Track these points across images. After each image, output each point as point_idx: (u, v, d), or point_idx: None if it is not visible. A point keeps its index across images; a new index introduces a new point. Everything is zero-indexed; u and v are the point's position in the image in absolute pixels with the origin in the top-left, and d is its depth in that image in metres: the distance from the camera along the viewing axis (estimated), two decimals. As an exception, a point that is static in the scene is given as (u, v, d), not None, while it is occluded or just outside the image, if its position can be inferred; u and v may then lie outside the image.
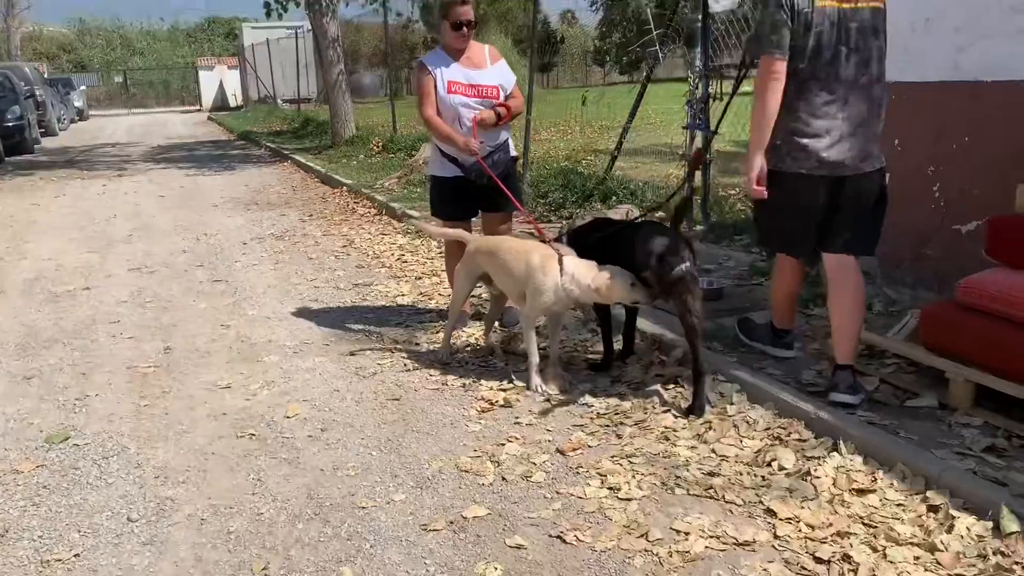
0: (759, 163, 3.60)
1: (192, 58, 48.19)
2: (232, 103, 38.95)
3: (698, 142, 7.08)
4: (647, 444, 3.55)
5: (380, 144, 14.38)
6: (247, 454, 3.67)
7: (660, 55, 7.45)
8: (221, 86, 40.48)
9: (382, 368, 4.64)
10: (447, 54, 4.82)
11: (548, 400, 4.06)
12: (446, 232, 4.76)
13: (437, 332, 5.18)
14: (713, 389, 3.94)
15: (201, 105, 40.56)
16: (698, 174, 7.19)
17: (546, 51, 39.75)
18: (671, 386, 4.10)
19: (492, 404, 4.05)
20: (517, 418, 3.90)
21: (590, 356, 4.62)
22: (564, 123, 16.53)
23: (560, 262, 3.97)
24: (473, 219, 5.20)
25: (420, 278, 6.56)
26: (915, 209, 4.91)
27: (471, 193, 4.92)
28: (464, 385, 4.32)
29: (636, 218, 7.02)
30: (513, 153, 5.09)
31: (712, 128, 6.96)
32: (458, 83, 4.76)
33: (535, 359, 4.21)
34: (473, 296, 5.21)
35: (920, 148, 4.84)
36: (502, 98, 4.86)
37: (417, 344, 5.03)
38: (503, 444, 3.63)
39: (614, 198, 7.87)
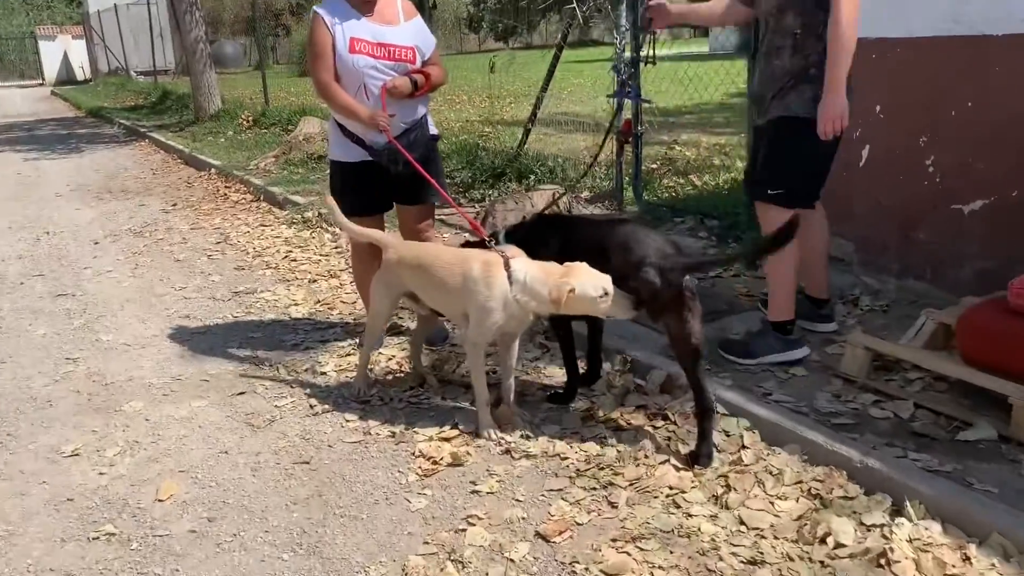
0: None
1: (30, 27, 44.03)
2: (80, 76, 35.82)
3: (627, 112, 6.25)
4: (653, 515, 2.70)
5: (250, 119, 12.97)
6: (104, 573, 2.61)
7: (579, 13, 6.55)
8: (66, 58, 37.22)
9: (281, 412, 3.62)
10: (349, 5, 3.77)
11: (508, 452, 3.15)
12: (358, 231, 3.75)
13: (347, 355, 4.18)
14: (714, 425, 3.14)
15: (44, 79, 37.13)
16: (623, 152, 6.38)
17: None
18: (659, 422, 3.27)
19: (436, 463, 3.11)
20: (473, 483, 2.97)
21: (546, 383, 3.73)
22: (451, 93, 15.49)
23: (507, 267, 3.06)
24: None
25: (315, 280, 5.50)
26: (903, 186, 4.24)
27: (383, 181, 3.94)
28: (394, 434, 3.35)
29: (559, 195, 6.24)
30: (434, 131, 4.11)
31: (643, 95, 6.20)
32: (363, 41, 3.73)
33: (485, 396, 3.29)
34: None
35: (910, 116, 4.15)
36: (419, 63, 3.87)
37: (323, 372, 4.01)
38: (463, 530, 2.71)
39: (532, 177, 6.97)
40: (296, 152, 9.35)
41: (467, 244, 3.58)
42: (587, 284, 2.90)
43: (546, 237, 3.28)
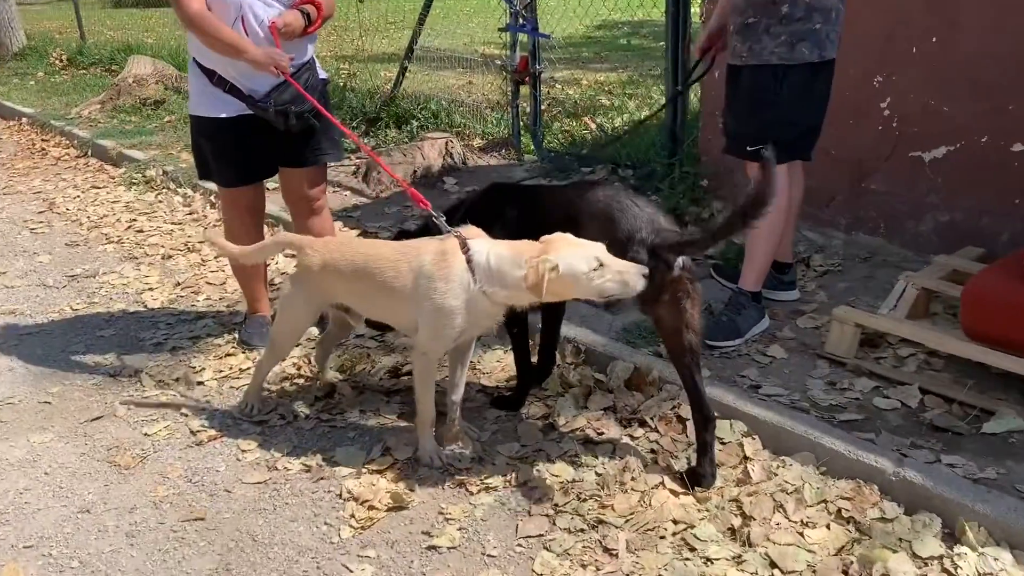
0: None
1: None
2: None
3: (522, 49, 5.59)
4: (665, 564, 2.16)
5: (64, 57, 11.27)
6: None
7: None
8: None
9: (154, 443, 2.83)
10: None
11: (463, 485, 2.53)
12: (261, 249, 3.05)
13: (227, 355, 3.41)
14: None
15: None
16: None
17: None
18: (636, 429, 2.73)
19: (373, 508, 2.44)
20: (428, 534, 2.33)
21: (485, 383, 3.11)
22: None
23: (465, 251, 2.39)
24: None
25: (170, 257, 4.58)
26: (854, 131, 3.83)
27: (265, 141, 3.15)
28: (308, 468, 2.65)
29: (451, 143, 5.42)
30: (323, 75, 3.33)
31: (541, 29, 5.54)
32: None
33: (430, 415, 2.63)
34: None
35: (862, 52, 3.72)
36: None
37: (200, 382, 3.22)
38: (431, 610, 2.08)
39: (414, 122, 6.18)
40: (126, 97, 8.06)
41: (401, 235, 2.88)
42: (573, 257, 2.21)
43: (500, 211, 2.60)
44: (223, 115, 3.11)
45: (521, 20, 5.36)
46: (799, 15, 2.91)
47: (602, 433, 2.71)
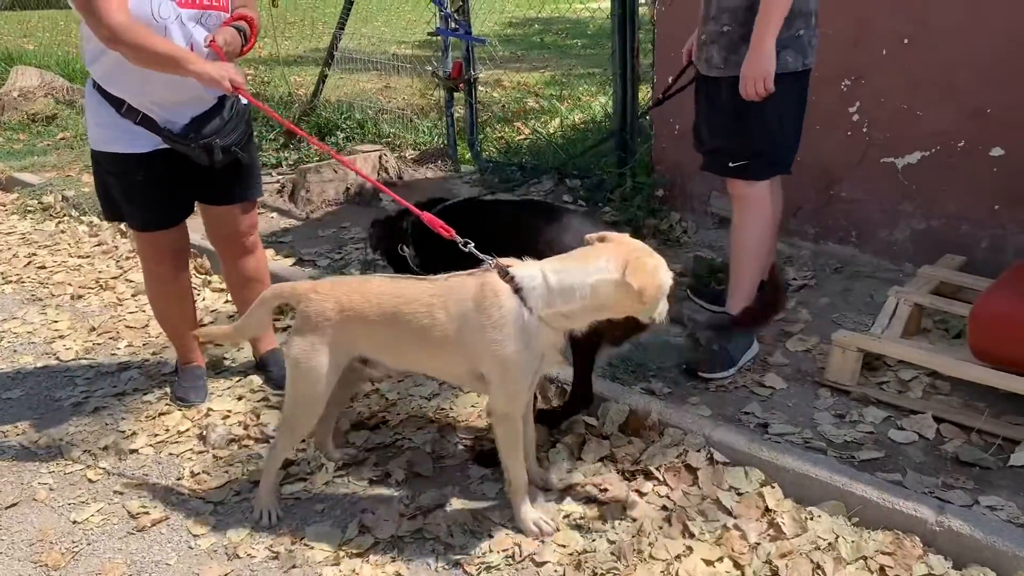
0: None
1: None
2: None
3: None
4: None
5: (-67, 68, 10.34)
6: None
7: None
8: None
9: (87, 534, 2.42)
10: None
11: (458, 565, 2.21)
12: (252, 320, 2.50)
13: (160, 414, 3.00)
14: (713, 479, 2.40)
15: None
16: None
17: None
18: (643, 483, 2.46)
19: (361, 602, 2.11)
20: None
21: (462, 435, 2.79)
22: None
23: (510, 280, 2.05)
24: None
25: (80, 297, 4.09)
26: (822, 137, 3.67)
27: (182, 178, 2.77)
28: (277, 555, 2.28)
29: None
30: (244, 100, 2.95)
31: (473, 32, 5.23)
32: None
33: (522, 481, 2.29)
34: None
35: (831, 55, 3.54)
36: (230, 9, 2.69)
37: (134, 450, 2.80)
38: None
39: (339, 133, 5.78)
40: (11, 113, 7.37)
41: (375, 224, 2.59)
42: (659, 262, 1.98)
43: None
44: (135, 151, 2.68)
45: (453, 24, 5.04)
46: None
47: (605, 490, 2.43)
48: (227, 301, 3.89)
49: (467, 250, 2.20)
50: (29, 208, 5.35)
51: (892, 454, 2.48)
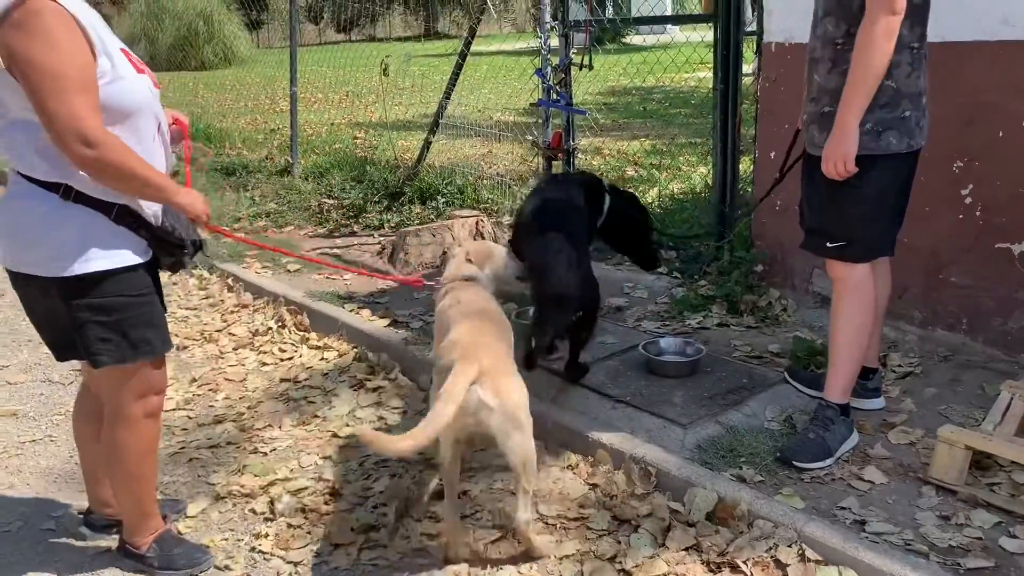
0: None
1: None
2: None
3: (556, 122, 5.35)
4: None
5: None
6: None
7: (490, 3, 5.54)
8: None
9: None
10: None
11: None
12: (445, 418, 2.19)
13: (285, 478, 3.05)
14: (802, 578, 2.28)
15: None
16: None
17: (253, 5, 35.97)
18: (730, 574, 2.36)
19: None
20: None
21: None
22: (305, 91, 14.04)
23: None
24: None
25: (185, 348, 4.25)
26: (932, 219, 3.54)
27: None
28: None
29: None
30: None
31: (575, 103, 5.30)
32: (128, 53, 2.25)
33: None
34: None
35: (943, 136, 3.42)
36: None
37: (260, 549, 2.86)
38: None
39: (440, 198, 5.91)
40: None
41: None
42: None
43: None
44: (142, 260, 2.30)
45: (555, 95, 5.12)
46: (884, 101, 2.63)
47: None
48: (323, 359, 3.99)
49: None
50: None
51: (1003, 564, 2.30)
